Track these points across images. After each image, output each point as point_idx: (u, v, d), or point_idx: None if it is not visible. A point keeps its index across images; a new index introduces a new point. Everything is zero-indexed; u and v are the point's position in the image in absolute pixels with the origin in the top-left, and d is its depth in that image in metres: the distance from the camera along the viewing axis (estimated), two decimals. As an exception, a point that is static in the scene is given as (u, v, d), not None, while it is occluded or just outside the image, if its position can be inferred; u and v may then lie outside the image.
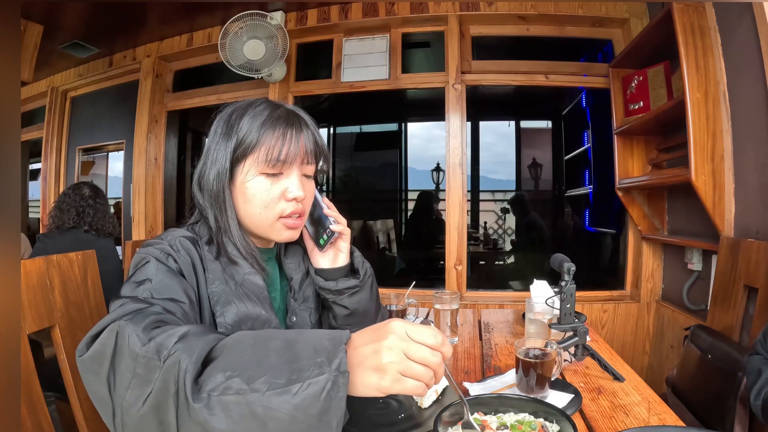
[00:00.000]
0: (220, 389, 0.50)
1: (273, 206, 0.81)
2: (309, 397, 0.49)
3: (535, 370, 0.83)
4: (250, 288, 0.79)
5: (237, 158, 0.80)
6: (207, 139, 0.86)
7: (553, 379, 0.86)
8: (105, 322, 0.59)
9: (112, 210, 3.25)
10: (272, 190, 0.81)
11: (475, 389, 0.88)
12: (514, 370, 0.90)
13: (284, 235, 0.84)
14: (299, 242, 0.96)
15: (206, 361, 0.52)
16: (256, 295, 0.79)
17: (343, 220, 0.93)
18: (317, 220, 0.93)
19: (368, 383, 0.54)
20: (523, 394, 0.79)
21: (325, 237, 0.91)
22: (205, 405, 0.49)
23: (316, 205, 0.92)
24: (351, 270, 0.96)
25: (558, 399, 0.83)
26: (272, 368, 0.51)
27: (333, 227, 0.91)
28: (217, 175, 0.80)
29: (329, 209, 0.93)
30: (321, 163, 0.89)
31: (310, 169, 0.86)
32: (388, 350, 0.54)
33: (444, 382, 0.86)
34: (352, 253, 0.96)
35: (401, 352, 0.54)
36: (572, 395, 0.85)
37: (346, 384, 0.51)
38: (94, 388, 0.57)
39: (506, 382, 0.91)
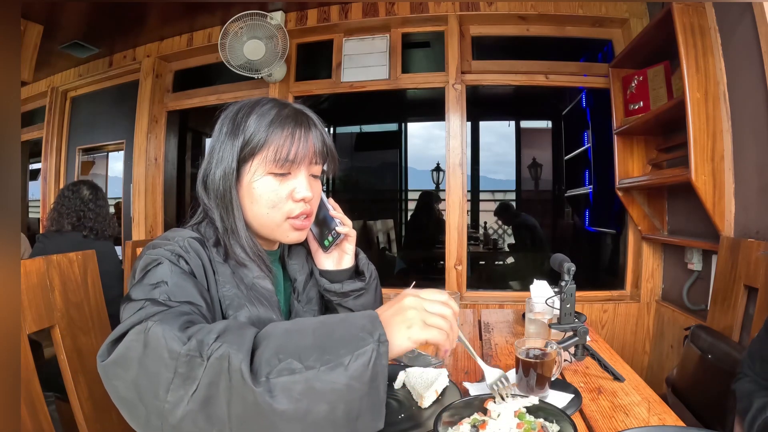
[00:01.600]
0: (276, 371, 0.53)
1: (281, 206, 0.80)
2: (360, 367, 0.54)
3: (535, 370, 0.83)
4: (260, 292, 0.78)
5: (244, 157, 0.79)
6: (211, 138, 0.84)
7: (553, 379, 0.86)
8: (128, 324, 0.58)
9: (112, 210, 3.26)
10: (280, 190, 0.80)
11: (475, 389, 0.88)
12: (514, 370, 0.90)
13: (291, 236, 0.83)
14: (303, 243, 0.95)
15: (252, 351, 0.55)
16: (267, 299, 0.79)
17: (349, 222, 0.93)
18: (322, 222, 0.92)
19: (401, 337, 0.60)
20: (523, 394, 0.79)
21: (330, 238, 0.91)
22: (265, 389, 0.51)
23: (321, 206, 0.91)
24: (356, 272, 0.96)
25: (558, 399, 0.83)
26: (319, 348, 0.55)
27: (339, 229, 0.90)
28: (223, 175, 0.79)
29: (335, 210, 0.92)
30: (330, 164, 0.88)
31: (318, 170, 0.85)
32: (410, 309, 0.62)
33: (444, 382, 0.86)
34: (357, 255, 0.96)
35: (420, 307, 0.63)
36: (572, 395, 0.85)
37: (387, 351, 0.57)
38: (122, 393, 0.56)
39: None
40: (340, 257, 0.93)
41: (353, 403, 0.54)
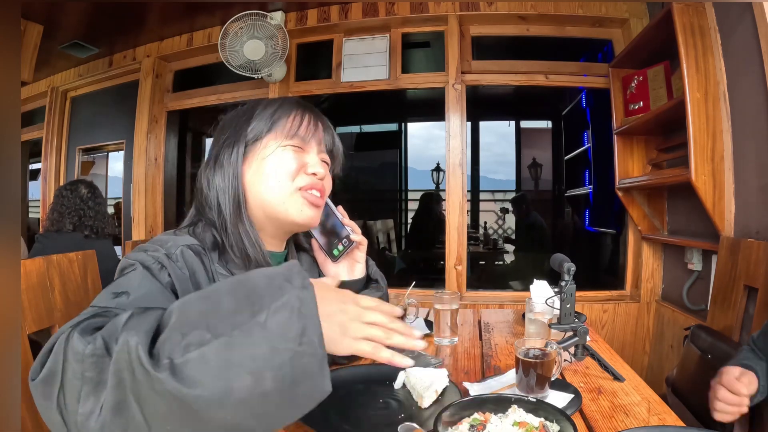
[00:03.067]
0: (180, 350, 0.43)
1: (293, 176, 0.78)
2: (282, 322, 0.45)
3: (535, 370, 0.83)
4: None
5: (254, 138, 0.78)
6: (213, 140, 0.83)
7: (553, 379, 0.86)
8: (54, 336, 0.50)
9: (111, 210, 3.26)
10: (292, 162, 0.78)
11: (475, 389, 0.88)
12: (514, 370, 0.90)
13: (305, 212, 0.79)
14: (310, 253, 0.93)
15: (156, 334, 0.46)
16: None
17: (358, 229, 0.90)
18: (330, 230, 0.89)
19: (336, 335, 0.52)
20: (523, 394, 0.79)
21: (340, 247, 0.88)
22: (169, 373, 0.42)
23: (330, 214, 0.89)
24: (368, 280, 0.94)
25: (558, 399, 0.83)
26: (230, 310, 0.45)
27: (353, 237, 0.87)
28: (225, 165, 0.77)
29: (345, 218, 0.90)
30: (336, 159, 0.87)
31: (326, 158, 0.84)
32: (347, 313, 0.53)
33: (444, 382, 0.85)
34: (367, 263, 0.94)
35: (359, 318, 0.54)
36: (572, 395, 0.85)
37: (313, 297, 0.47)
38: (48, 415, 0.48)
39: (506, 382, 0.91)
40: (351, 266, 0.91)
41: (283, 367, 0.44)
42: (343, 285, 0.88)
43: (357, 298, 0.56)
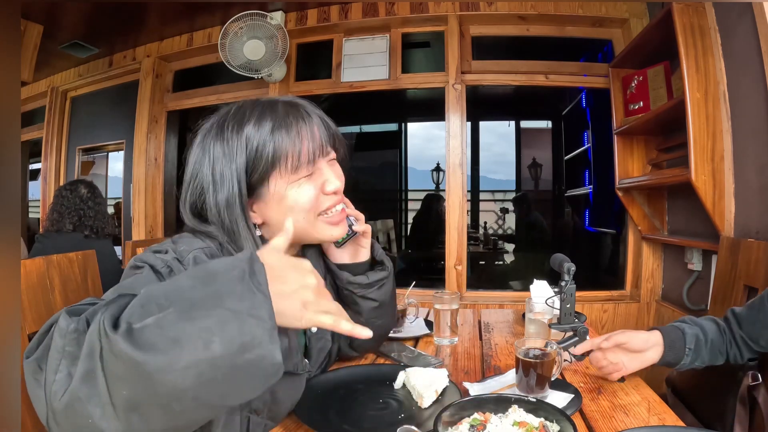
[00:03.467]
0: (138, 316, 0.46)
1: (315, 203, 0.78)
2: (233, 294, 0.47)
3: (535, 370, 0.82)
4: None
5: (260, 179, 0.75)
6: (192, 160, 0.78)
7: (553, 379, 0.86)
8: (51, 319, 0.53)
9: (111, 210, 3.26)
10: (310, 192, 0.77)
11: (475, 389, 0.88)
12: (514, 370, 0.90)
13: (333, 232, 0.81)
14: (316, 245, 0.94)
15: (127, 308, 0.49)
16: None
17: (362, 217, 0.91)
18: None
19: (290, 312, 0.54)
20: (522, 394, 0.79)
21: (344, 236, 0.90)
22: (126, 336, 0.44)
23: None
24: (373, 263, 0.95)
25: (558, 399, 0.83)
26: (188, 287, 0.48)
27: (355, 227, 0.89)
28: (227, 204, 0.74)
29: (348, 208, 0.90)
30: (339, 146, 0.85)
31: (332, 154, 0.83)
32: (306, 289, 0.55)
33: (444, 382, 0.85)
34: (372, 246, 0.95)
35: (317, 292, 0.56)
36: (572, 395, 0.85)
37: (263, 269, 0.50)
38: (34, 392, 0.49)
39: (506, 382, 0.91)
40: (355, 251, 0.93)
41: (232, 332, 0.45)
42: (348, 268, 0.90)
43: (315, 271, 0.58)
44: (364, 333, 0.57)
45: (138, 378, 0.44)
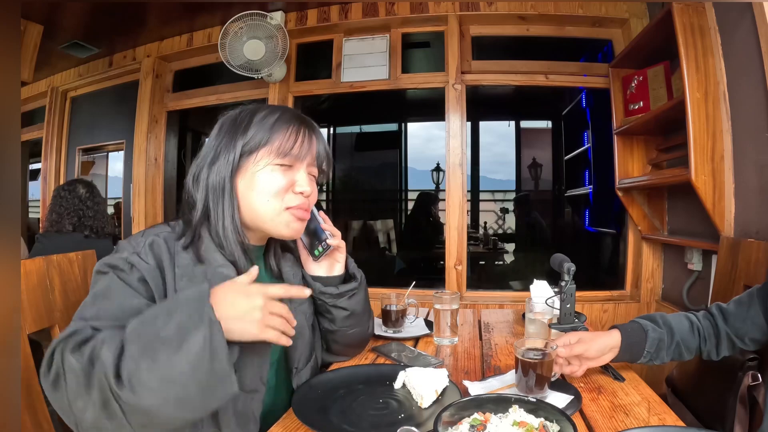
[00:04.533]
0: (136, 373, 0.60)
1: (281, 195, 0.84)
2: (198, 351, 0.61)
3: (534, 371, 0.82)
4: (219, 281, 0.76)
5: (249, 150, 0.83)
6: (208, 139, 0.88)
7: (553, 379, 0.86)
8: (52, 345, 0.67)
9: (112, 210, 3.26)
10: (281, 181, 0.84)
11: (475, 389, 0.88)
12: (514, 370, 0.89)
13: (292, 227, 0.86)
14: (293, 251, 1.00)
15: (121, 352, 0.62)
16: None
17: (338, 234, 0.98)
18: (313, 233, 0.97)
19: (241, 332, 0.67)
20: (522, 395, 0.79)
21: (320, 249, 0.96)
22: (130, 390, 0.60)
23: (312, 218, 0.95)
24: (346, 277, 1.01)
25: (558, 399, 0.83)
26: (165, 339, 0.62)
27: (330, 242, 0.95)
28: (219, 167, 0.83)
29: (325, 223, 0.97)
30: (326, 170, 0.93)
31: (315, 172, 0.90)
32: (254, 309, 0.68)
33: (444, 382, 0.86)
34: (346, 261, 1.01)
35: (265, 309, 0.69)
36: (572, 395, 0.85)
37: (220, 330, 0.63)
38: (58, 404, 0.65)
39: (507, 381, 0.91)
40: (330, 265, 0.99)
41: (202, 380, 0.62)
42: (322, 280, 0.97)
43: (265, 289, 0.70)
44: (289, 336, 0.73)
45: (141, 410, 0.61)
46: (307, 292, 0.76)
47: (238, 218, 0.84)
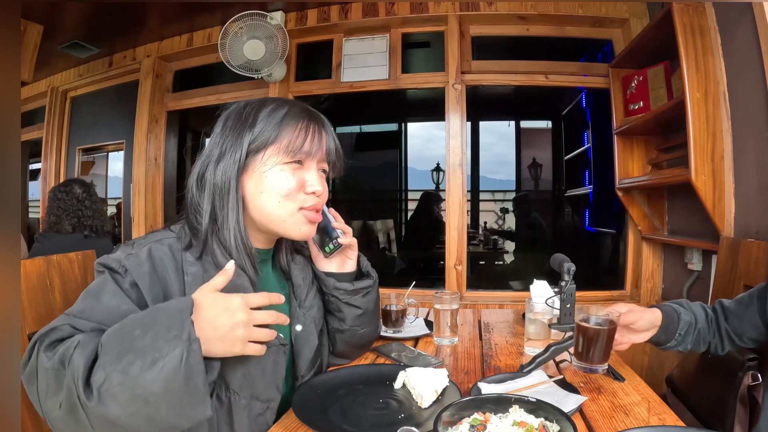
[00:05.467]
0: (105, 384, 0.58)
1: (293, 196, 0.80)
2: (172, 369, 0.58)
3: (595, 339, 0.79)
4: (231, 288, 0.76)
5: (256, 149, 0.79)
6: (211, 136, 0.83)
7: (614, 350, 0.83)
8: (34, 338, 0.67)
9: (114, 210, 3.26)
10: (292, 180, 0.80)
11: (475, 389, 0.88)
12: (536, 372, 0.89)
13: (304, 229, 0.83)
14: (302, 250, 0.97)
15: (94, 361, 0.61)
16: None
17: (350, 230, 0.95)
18: (323, 229, 0.94)
19: (223, 351, 0.65)
20: (584, 365, 0.76)
21: (331, 246, 0.94)
22: (98, 401, 0.58)
23: (323, 215, 0.92)
24: (359, 274, 0.98)
25: (569, 399, 0.82)
26: (140, 352, 0.59)
27: (341, 240, 0.93)
28: (225, 167, 0.78)
29: (336, 221, 0.94)
30: (336, 166, 0.89)
31: (326, 167, 0.86)
32: (237, 327, 0.65)
33: (444, 382, 0.85)
34: (359, 258, 0.99)
35: (248, 323, 0.66)
36: (574, 395, 0.85)
37: (199, 349, 0.61)
38: (32, 398, 0.65)
39: (525, 384, 0.90)
40: (342, 262, 0.96)
41: (173, 401, 0.59)
42: (335, 276, 0.94)
43: (247, 300, 0.67)
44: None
45: (107, 421, 0.59)
46: (282, 299, 0.72)
47: (243, 221, 0.79)
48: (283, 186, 0.79)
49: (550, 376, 0.92)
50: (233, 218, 0.78)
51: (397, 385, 0.89)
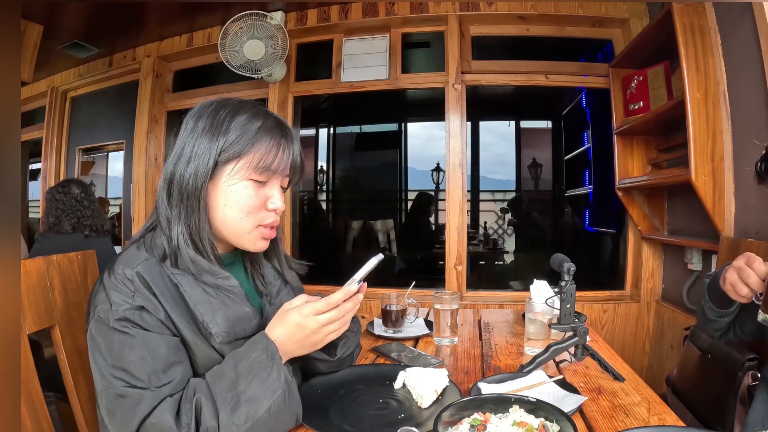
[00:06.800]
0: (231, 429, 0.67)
1: (255, 214, 0.80)
2: (279, 402, 0.71)
3: None
4: (227, 290, 0.78)
5: (226, 159, 0.77)
6: (180, 135, 0.80)
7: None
8: (138, 419, 0.68)
9: (117, 210, 3.26)
10: (256, 198, 0.79)
11: (475, 389, 0.88)
12: (537, 372, 0.89)
13: (258, 245, 0.83)
14: (293, 284, 0.97)
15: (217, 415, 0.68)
16: (236, 295, 0.79)
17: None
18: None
19: (310, 351, 0.80)
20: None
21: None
22: None
23: None
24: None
25: (558, 399, 0.83)
26: (252, 401, 0.69)
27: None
28: (195, 173, 0.76)
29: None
30: (296, 179, 0.89)
31: (286, 182, 0.86)
32: (313, 334, 0.77)
33: (444, 382, 0.85)
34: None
35: (319, 330, 0.77)
36: (574, 394, 0.85)
37: (294, 386, 0.74)
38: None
39: (525, 383, 0.90)
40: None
41: (281, 417, 0.71)
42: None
43: (313, 308, 0.76)
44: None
45: None
46: (354, 288, 0.80)
47: (208, 231, 0.79)
48: (246, 203, 0.79)
49: (550, 376, 0.92)
50: (204, 226, 0.78)
51: (397, 385, 0.89)
